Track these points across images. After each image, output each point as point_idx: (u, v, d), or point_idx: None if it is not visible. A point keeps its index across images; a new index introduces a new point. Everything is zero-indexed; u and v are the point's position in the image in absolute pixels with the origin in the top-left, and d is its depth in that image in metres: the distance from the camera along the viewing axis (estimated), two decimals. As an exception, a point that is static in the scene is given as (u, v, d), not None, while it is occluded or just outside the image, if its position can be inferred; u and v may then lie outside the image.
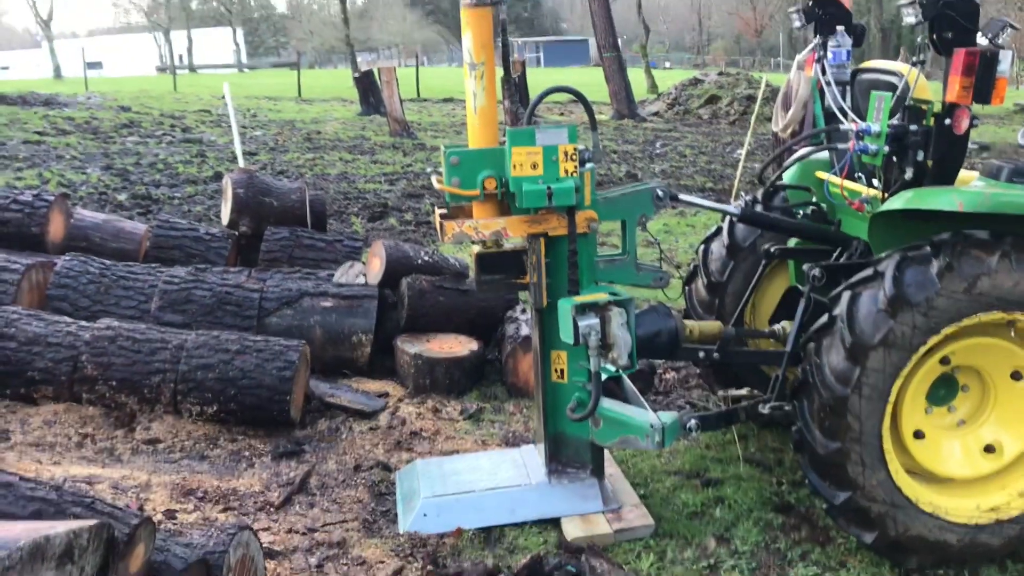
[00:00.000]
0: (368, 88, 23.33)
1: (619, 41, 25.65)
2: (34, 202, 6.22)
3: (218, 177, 12.54)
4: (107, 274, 5.49)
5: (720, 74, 27.66)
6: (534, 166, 3.62)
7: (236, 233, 6.57)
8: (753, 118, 11.34)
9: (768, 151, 16.77)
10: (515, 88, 4.15)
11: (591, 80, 29.27)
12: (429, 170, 13.89)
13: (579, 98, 3.92)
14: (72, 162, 13.61)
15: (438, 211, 3.91)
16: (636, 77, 29.08)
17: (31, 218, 6.16)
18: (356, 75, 25.62)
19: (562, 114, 24.89)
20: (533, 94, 18.41)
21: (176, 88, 32.24)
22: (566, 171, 3.63)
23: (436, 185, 3.84)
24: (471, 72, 3.71)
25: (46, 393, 4.83)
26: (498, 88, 3.88)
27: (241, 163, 8.29)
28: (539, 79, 28.56)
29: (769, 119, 17.66)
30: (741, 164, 10.69)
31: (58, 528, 1.36)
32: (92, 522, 1.50)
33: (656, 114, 25.75)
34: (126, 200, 10.73)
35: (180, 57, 72.63)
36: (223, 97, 21.92)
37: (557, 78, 43.65)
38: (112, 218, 6.79)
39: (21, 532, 1.30)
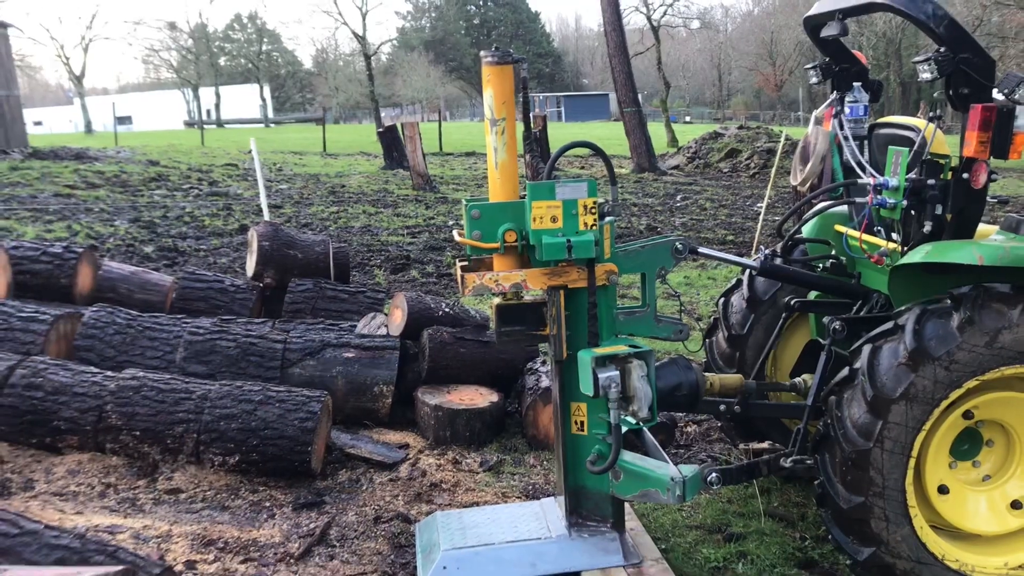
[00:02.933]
0: (391, 143, 23.68)
1: (639, 96, 25.93)
2: (63, 254, 6.34)
3: (244, 230, 12.73)
4: (133, 325, 5.56)
5: (740, 128, 27.84)
6: (554, 219, 3.66)
7: (261, 285, 6.65)
8: (773, 172, 11.39)
9: (789, 204, 16.81)
10: (536, 143, 4.21)
11: (612, 134, 29.57)
12: (451, 223, 14.01)
13: (598, 152, 3.98)
14: (101, 215, 13.86)
15: (459, 263, 3.95)
16: (656, 131, 29.33)
17: (60, 269, 6.27)
18: (380, 130, 26.01)
19: (583, 167, 25.10)
20: (554, 148, 18.56)
21: (204, 143, 32.81)
22: (585, 224, 3.67)
23: (457, 238, 3.89)
24: (492, 128, 3.77)
25: (71, 442, 4.87)
26: (519, 143, 3.94)
27: (267, 216, 8.42)
28: (560, 133, 28.89)
29: (789, 173, 17.73)
30: (762, 217, 10.72)
31: (85, 574, 1.39)
32: (117, 568, 1.53)
33: (676, 167, 25.91)
34: (153, 252, 10.89)
35: (208, 112, 74.13)
36: (250, 151, 22.28)
37: (578, 132, 44.13)
38: (139, 270, 6.90)
39: None
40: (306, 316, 6.34)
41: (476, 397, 5.45)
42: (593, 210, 3.68)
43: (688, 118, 72.82)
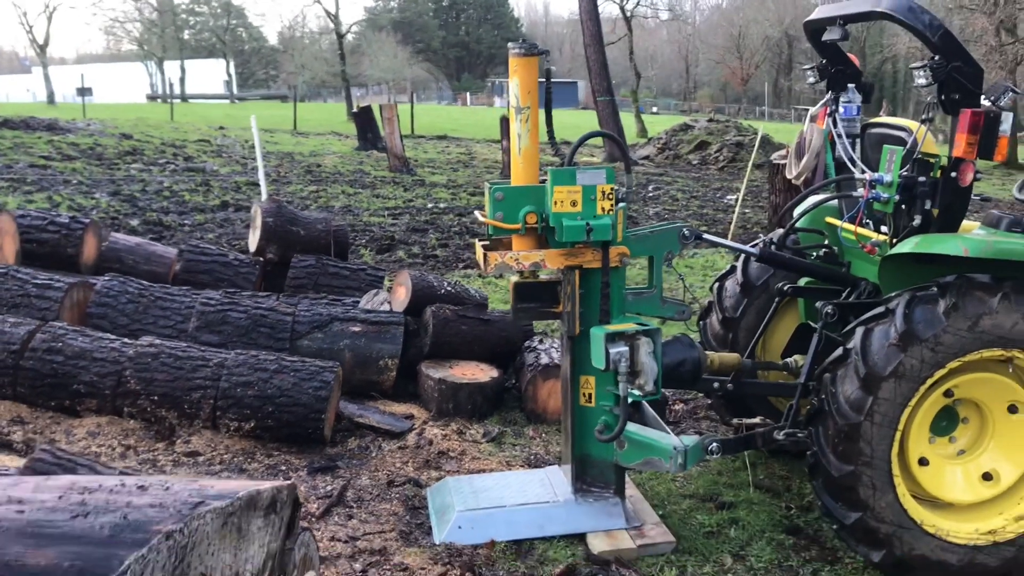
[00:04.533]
0: (366, 124, 23.74)
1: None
2: (70, 224, 6.48)
3: (225, 206, 12.84)
4: (145, 294, 5.73)
5: (710, 120, 28.28)
6: (574, 203, 3.93)
7: (263, 260, 6.82)
8: (750, 165, 11.74)
9: (758, 197, 17.23)
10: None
11: (582, 123, 29.85)
12: (431, 206, 14.19)
13: (616, 142, 4.24)
14: (80, 187, 13.86)
15: (480, 243, 4.20)
16: (626, 121, 29.65)
17: (67, 239, 6.40)
18: (355, 110, 26.03)
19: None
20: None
21: (173, 117, 32.54)
22: (603, 209, 3.94)
23: (480, 218, 4.14)
24: (517, 115, 4.02)
25: (89, 406, 5.04)
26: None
27: (264, 194, 8.57)
28: (532, 120, 28.96)
29: (759, 166, 18.17)
30: (737, 209, 11.07)
31: (264, 485, 1.62)
32: (287, 483, 1.75)
33: (646, 158, 26.28)
34: (139, 226, 10.97)
35: (171, 86, 73.11)
36: (220, 127, 22.14)
37: (548, 119, 44.31)
38: (144, 242, 7.05)
39: (238, 486, 1.56)
40: (308, 291, 6.53)
41: (477, 372, 5.71)
42: (610, 195, 3.95)
43: (655, 109, 73.36)
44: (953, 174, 3.80)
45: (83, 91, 41.72)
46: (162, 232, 10.76)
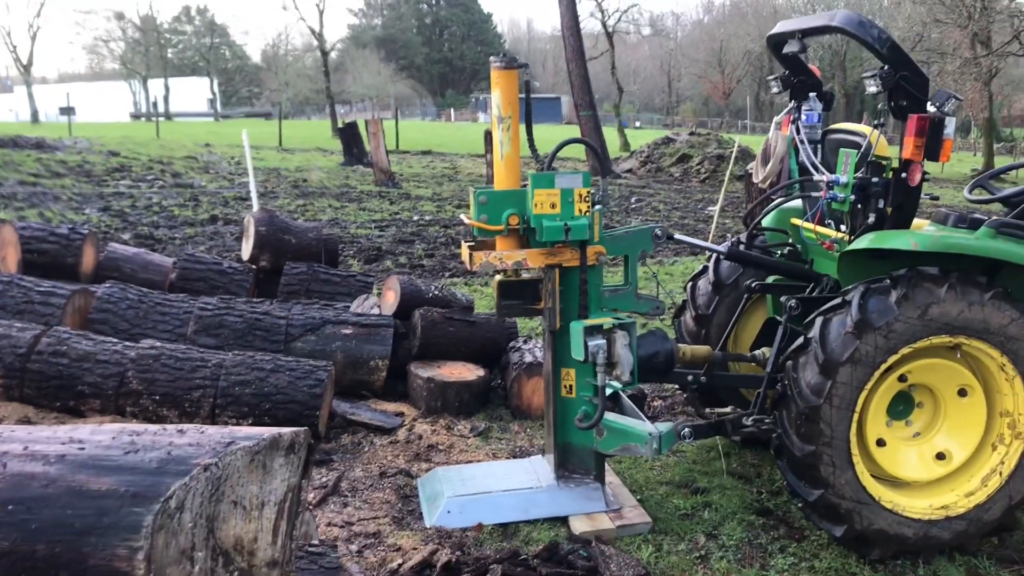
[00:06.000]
0: (351, 139, 24.03)
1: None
2: (70, 235, 6.72)
3: (214, 220, 13.07)
4: (145, 300, 5.96)
5: (691, 134, 28.71)
6: (553, 206, 4.21)
7: (256, 267, 7.07)
8: (727, 175, 12.07)
9: (738, 207, 17.59)
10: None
11: (565, 137, 30.18)
12: (416, 218, 14.45)
13: (592, 149, 4.54)
14: (70, 203, 14.07)
15: (465, 244, 4.47)
16: (609, 135, 30.08)
17: (67, 249, 6.64)
18: (340, 127, 26.33)
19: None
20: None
21: (159, 135, 32.74)
22: (580, 211, 4.22)
23: (465, 220, 4.41)
24: (499, 124, 4.30)
25: (93, 406, 5.26)
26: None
27: (255, 205, 8.82)
28: (516, 135, 29.35)
29: (739, 177, 18.54)
30: (716, 219, 11.39)
31: (285, 430, 1.87)
32: (303, 428, 2.00)
33: (629, 171, 26.63)
34: (130, 239, 11.20)
35: (154, 104, 73.31)
36: (207, 144, 22.38)
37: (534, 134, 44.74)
38: (141, 251, 7.29)
39: (263, 431, 1.82)
40: (301, 297, 6.78)
41: (464, 371, 5.97)
42: (587, 198, 4.23)
43: (638, 123, 74.05)
44: (903, 175, 4.10)
45: (67, 110, 41.86)
46: (153, 245, 10.99)
